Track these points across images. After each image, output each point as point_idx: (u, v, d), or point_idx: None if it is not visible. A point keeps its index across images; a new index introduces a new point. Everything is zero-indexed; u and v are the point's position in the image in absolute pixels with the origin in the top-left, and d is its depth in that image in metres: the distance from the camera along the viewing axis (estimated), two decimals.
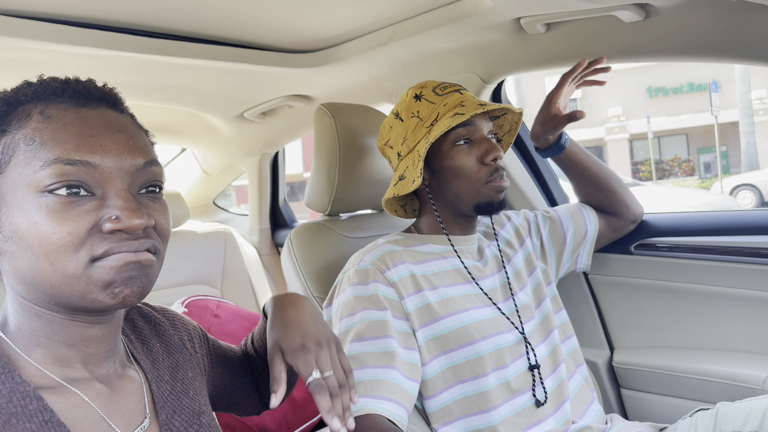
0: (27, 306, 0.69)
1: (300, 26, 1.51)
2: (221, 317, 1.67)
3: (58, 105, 0.69)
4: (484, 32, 1.45)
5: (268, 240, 2.74)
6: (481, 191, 1.21)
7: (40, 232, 0.64)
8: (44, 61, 1.42)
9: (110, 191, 0.67)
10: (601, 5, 1.23)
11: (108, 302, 0.67)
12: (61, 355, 0.70)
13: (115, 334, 0.76)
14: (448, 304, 1.18)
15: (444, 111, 1.20)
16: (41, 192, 0.64)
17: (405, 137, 1.24)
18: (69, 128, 0.67)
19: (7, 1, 1.20)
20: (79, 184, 0.66)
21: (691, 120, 23.14)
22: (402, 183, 1.22)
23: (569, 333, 1.36)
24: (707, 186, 17.26)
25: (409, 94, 1.26)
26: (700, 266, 1.49)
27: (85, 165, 0.66)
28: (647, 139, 21.56)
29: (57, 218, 0.64)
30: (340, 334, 1.14)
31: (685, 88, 23.46)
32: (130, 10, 1.31)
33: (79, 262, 0.65)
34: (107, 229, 0.65)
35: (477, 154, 1.20)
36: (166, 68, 1.62)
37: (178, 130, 2.49)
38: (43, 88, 0.70)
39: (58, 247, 0.64)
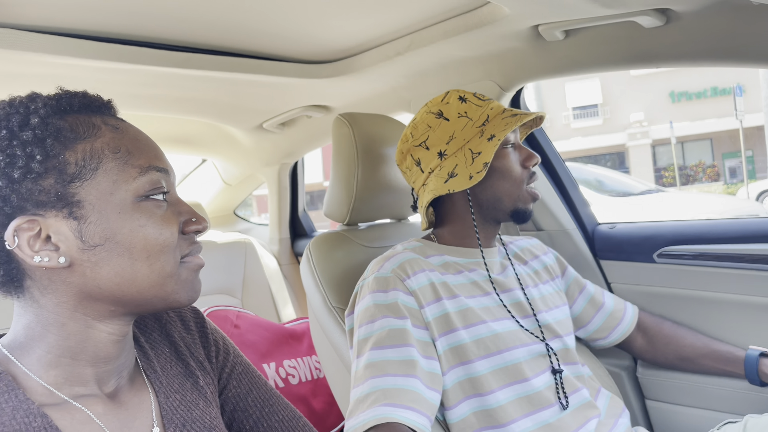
0: (73, 321, 0.69)
1: (318, 37, 1.52)
2: (241, 327, 1.68)
3: (110, 117, 0.73)
4: (502, 40, 1.45)
5: (288, 249, 2.75)
6: (521, 195, 1.25)
7: (146, 234, 0.68)
8: (65, 76, 1.44)
9: (175, 197, 0.74)
10: (621, 11, 1.22)
11: (184, 301, 0.73)
12: (77, 375, 0.70)
13: (129, 347, 0.76)
14: (467, 315, 1.17)
15: (493, 114, 1.22)
16: (140, 197, 0.69)
17: (452, 136, 1.23)
18: (139, 139, 0.72)
19: (30, 17, 1.23)
20: (165, 189, 0.72)
21: (715, 125, 22.81)
22: (455, 180, 1.20)
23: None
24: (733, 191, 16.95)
25: (452, 96, 1.26)
26: (726, 274, 1.46)
27: (164, 173, 0.72)
28: (670, 144, 21.28)
29: (161, 221, 0.70)
30: (360, 341, 1.13)
31: (709, 92, 23.13)
32: (149, 24, 1.33)
33: (175, 262, 0.71)
34: (191, 230, 0.73)
35: (519, 158, 1.25)
36: (186, 80, 1.64)
37: (199, 141, 2.52)
38: (87, 101, 0.72)
39: (162, 248, 0.69)
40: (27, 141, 0.65)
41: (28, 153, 0.64)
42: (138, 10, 1.25)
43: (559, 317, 1.31)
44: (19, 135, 0.65)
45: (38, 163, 0.65)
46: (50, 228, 0.66)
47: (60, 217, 0.66)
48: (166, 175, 0.73)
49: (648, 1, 1.17)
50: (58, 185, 0.65)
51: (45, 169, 0.65)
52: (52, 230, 0.66)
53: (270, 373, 1.70)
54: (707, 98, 23.25)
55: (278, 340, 1.79)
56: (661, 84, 23.40)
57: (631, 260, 1.60)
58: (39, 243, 0.65)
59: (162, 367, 0.81)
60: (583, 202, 1.81)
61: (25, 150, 0.64)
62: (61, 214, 0.66)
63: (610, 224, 1.75)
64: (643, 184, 8.38)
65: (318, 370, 1.85)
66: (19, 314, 0.70)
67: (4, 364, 0.68)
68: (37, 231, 0.65)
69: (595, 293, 1.45)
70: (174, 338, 0.86)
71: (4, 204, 0.64)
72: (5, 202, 0.64)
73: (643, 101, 24.00)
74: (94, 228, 0.66)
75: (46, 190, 0.65)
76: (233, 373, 0.92)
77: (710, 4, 1.15)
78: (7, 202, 0.64)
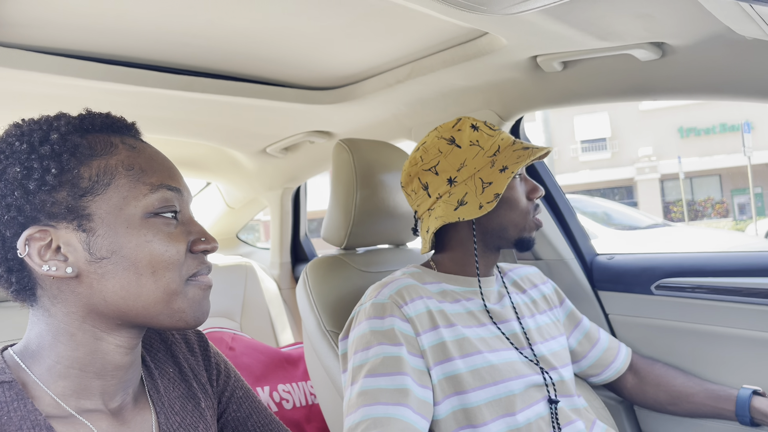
0: (82, 332, 0.70)
1: (320, 64, 1.54)
2: (236, 350, 1.67)
3: (129, 137, 0.76)
4: (501, 70, 1.47)
5: (289, 274, 2.75)
6: (527, 225, 1.26)
7: (152, 250, 0.70)
8: (71, 96, 1.47)
9: (187, 216, 0.76)
10: (617, 44, 1.24)
11: (190, 320, 0.73)
12: (85, 386, 0.71)
13: (137, 362, 0.77)
14: (463, 344, 1.16)
15: (504, 145, 1.24)
16: (149, 213, 0.71)
17: (463, 163, 1.24)
18: (155, 158, 0.75)
19: (36, 38, 1.26)
20: (176, 208, 0.74)
21: (724, 161, 22.79)
22: (465, 208, 1.20)
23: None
24: (742, 228, 16.84)
25: (465, 123, 1.27)
26: (725, 308, 1.45)
27: (177, 192, 0.75)
28: (679, 179, 21.25)
29: (168, 238, 0.71)
30: (354, 369, 1.13)
31: (718, 128, 23.18)
32: (154, 47, 1.36)
33: (181, 280, 0.72)
34: (199, 249, 0.74)
35: (525, 189, 1.27)
36: (190, 103, 1.67)
37: (203, 164, 2.54)
38: (110, 121, 0.76)
39: (167, 265, 0.70)
40: (44, 155, 0.68)
41: (45, 166, 0.68)
42: (143, 33, 1.28)
43: (555, 348, 1.30)
44: (38, 149, 0.68)
45: (53, 176, 0.68)
46: (60, 239, 0.68)
47: (70, 228, 0.68)
48: (178, 194, 0.75)
49: (643, 35, 1.19)
50: (70, 198, 0.68)
51: (59, 183, 0.68)
52: (62, 241, 0.68)
53: (264, 396, 1.68)
54: (716, 134, 23.27)
55: (273, 364, 1.78)
56: (670, 119, 23.48)
57: (629, 291, 1.59)
58: (49, 253, 0.68)
59: (165, 387, 0.82)
60: (582, 233, 1.81)
61: (42, 163, 0.68)
62: (71, 226, 0.68)
63: (608, 255, 1.75)
64: (650, 218, 8.36)
65: (312, 395, 1.83)
66: (32, 322, 0.72)
67: (16, 372, 0.70)
68: (48, 241, 0.68)
69: (591, 329, 1.44)
70: (179, 359, 0.87)
71: (18, 214, 0.67)
72: (19, 212, 0.67)
73: (651, 136, 24.06)
74: (101, 241, 0.69)
75: (58, 203, 0.68)
76: (233, 397, 0.93)
77: (705, 38, 1.17)
78: (21, 212, 0.67)
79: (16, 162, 0.67)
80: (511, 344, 1.22)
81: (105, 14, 1.17)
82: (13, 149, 0.68)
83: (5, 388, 0.66)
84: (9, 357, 0.71)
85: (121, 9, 1.16)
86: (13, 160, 0.68)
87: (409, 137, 1.93)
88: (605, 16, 1.10)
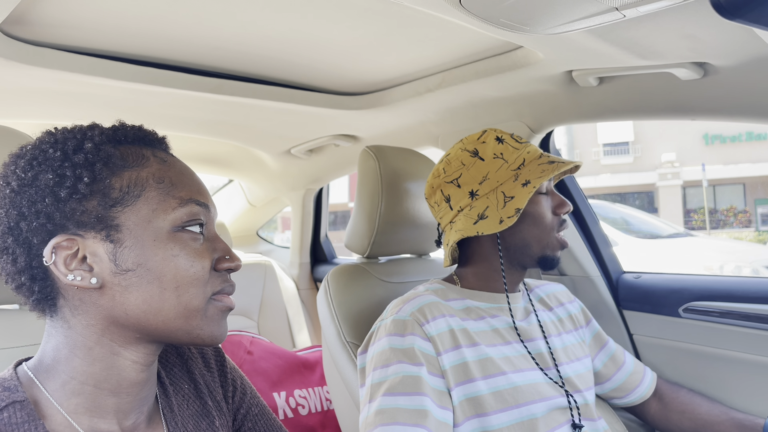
0: (100, 346, 0.69)
1: (350, 70, 1.53)
2: (254, 354, 1.67)
3: (160, 151, 0.75)
4: (535, 83, 1.44)
5: (307, 274, 2.75)
6: (550, 242, 1.22)
7: (177, 265, 0.69)
8: (101, 95, 1.48)
9: (212, 233, 0.75)
10: (658, 62, 1.20)
11: (206, 339, 0.73)
12: (99, 404, 0.70)
13: (153, 380, 0.76)
14: (486, 364, 1.13)
15: (530, 158, 1.21)
16: (176, 227, 0.70)
17: (486, 176, 1.21)
18: (184, 173, 0.74)
19: (70, 39, 1.26)
20: (203, 222, 0.73)
21: (748, 169, 22.42)
22: (485, 222, 1.18)
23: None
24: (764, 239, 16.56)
25: (490, 135, 1.24)
26: (754, 335, 1.41)
27: (204, 207, 0.74)
28: (701, 186, 20.96)
29: (194, 254, 0.71)
30: (373, 386, 1.11)
31: (744, 136, 22.81)
32: (186, 50, 1.35)
33: (204, 297, 0.71)
34: (224, 267, 0.73)
35: (551, 205, 1.23)
36: (218, 105, 1.66)
37: (227, 162, 2.54)
38: (142, 134, 0.75)
39: (192, 281, 0.70)
40: (78, 163, 0.68)
41: (77, 175, 0.67)
42: (176, 36, 1.27)
43: (580, 370, 1.27)
44: (71, 157, 0.68)
45: (85, 185, 0.67)
46: (87, 248, 0.67)
47: (98, 239, 0.68)
48: (206, 210, 0.74)
49: (685, 55, 1.15)
50: (100, 208, 0.68)
51: (90, 192, 0.68)
52: (88, 251, 0.67)
53: (280, 402, 1.68)
54: (741, 142, 22.90)
55: (290, 369, 1.77)
56: (695, 125, 23.14)
57: (655, 312, 1.56)
58: (75, 262, 0.67)
59: (179, 405, 0.81)
60: (609, 249, 1.77)
61: (75, 171, 0.67)
62: (99, 236, 0.68)
63: (635, 273, 1.71)
64: (671, 226, 8.23)
65: (328, 401, 1.82)
66: (49, 334, 0.71)
67: (29, 389, 0.69)
68: (74, 250, 0.67)
69: (617, 351, 1.41)
70: (194, 375, 0.86)
71: (48, 221, 0.66)
72: (49, 219, 0.66)
73: (675, 141, 23.75)
74: (128, 252, 0.68)
75: (88, 212, 0.67)
76: (249, 414, 0.92)
77: (750, 60, 1.13)
78: (51, 219, 0.67)
79: (49, 169, 0.67)
80: (537, 364, 1.19)
81: (139, 17, 1.16)
82: (47, 156, 0.68)
83: (17, 409, 0.65)
84: (23, 373, 0.71)
85: (156, 12, 1.15)
86: (46, 167, 0.67)
87: (435, 145, 1.91)
88: (649, 36, 1.06)
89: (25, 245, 0.67)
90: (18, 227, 0.67)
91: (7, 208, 0.67)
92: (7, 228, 0.67)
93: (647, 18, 0.96)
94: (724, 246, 7.73)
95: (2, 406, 0.65)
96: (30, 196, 0.66)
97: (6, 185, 0.68)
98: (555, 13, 0.84)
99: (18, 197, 0.67)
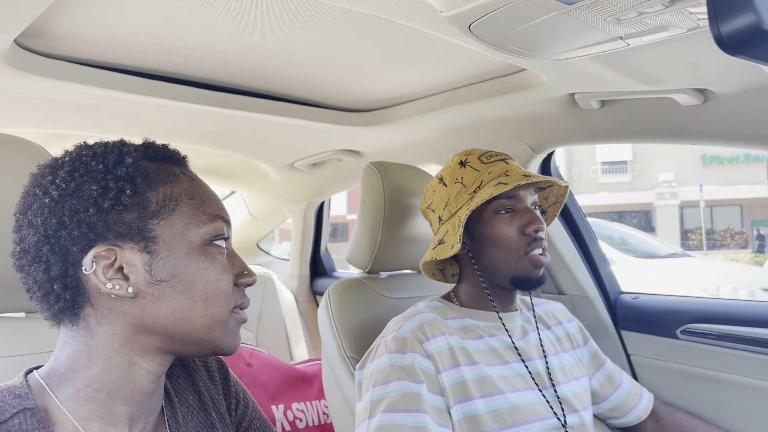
0: (120, 355, 0.71)
1: (356, 87, 1.55)
2: (253, 366, 1.67)
3: (186, 169, 0.79)
4: (537, 104, 1.46)
5: (307, 287, 2.76)
6: (519, 263, 1.19)
7: (207, 278, 0.73)
8: (112, 107, 1.49)
9: (231, 249, 0.78)
10: (659, 87, 1.23)
11: (226, 349, 0.76)
12: (112, 412, 0.71)
13: (160, 391, 0.78)
14: (484, 384, 1.14)
15: (488, 179, 1.20)
16: (206, 241, 0.74)
17: (447, 202, 1.24)
18: (209, 191, 0.79)
19: (84, 52, 1.28)
20: (226, 236, 0.77)
21: (746, 191, 22.50)
22: (441, 247, 1.22)
23: None
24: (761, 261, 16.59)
25: (455, 160, 1.26)
26: (752, 359, 1.42)
27: (228, 224, 0.78)
28: (699, 207, 21.02)
29: (222, 268, 0.75)
30: (372, 402, 1.12)
31: (741, 158, 22.91)
32: (196, 65, 1.38)
33: (228, 309, 0.75)
34: (243, 282, 0.77)
35: (518, 224, 1.19)
36: (224, 118, 1.68)
37: (230, 174, 2.56)
38: (169, 153, 0.79)
39: (219, 294, 0.73)
40: (120, 177, 0.71)
41: (120, 187, 0.70)
42: (187, 51, 1.30)
43: (577, 390, 1.28)
44: (113, 170, 0.71)
45: (128, 197, 0.70)
46: (124, 259, 0.70)
47: (135, 249, 0.70)
48: (228, 226, 0.78)
49: (686, 81, 1.17)
50: (139, 220, 0.70)
51: (131, 204, 0.70)
52: (125, 261, 0.70)
53: (278, 415, 1.68)
54: (739, 164, 23.01)
55: (289, 382, 1.78)
56: (693, 146, 23.24)
57: (653, 334, 1.57)
58: (111, 272, 0.69)
59: (184, 416, 0.82)
60: (607, 269, 1.79)
61: (118, 184, 0.70)
62: (137, 247, 0.70)
63: (633, 294, 1.73)
64: (669, 246, 8.26)
65: (326, 415, 1.82)
66: (65, 343, 0.72)
67: (39, 397, 0.70)
68: (112, 260, 0.69)
69: (614, 371, 1.42)
70: (199, 387, 0.88)
71: (90, 230, 0.69)
72: (90, 229, 0.69)
73: (673, 162, 23.85)
74: (163, 264, 0.71)
75: (128, 223, 0.70)
76: (251, 427, 0.93)
77: (750, 88, 1.15)
78: (93, 228, 0.69)
79: (93, 180, 0.70)
80: (535, 384, 1.20)
81: (151, 32, 1.19)
82: (89, 168, 0.70)
83: (27, 416, 0.66)
84: (33, 380, 0.72)
85: (168, 28, 1.17)
86: (89, 179, 0.70)
87: (438, 162, 1.93)
88: (651, 63, 1.09)
89: (61, 254, 0.69)
90: (56, 236, 0.68)
91: (45, 217, 0.68)
92: (44, 237, 0.68)
93: (650, 46, 0.98)
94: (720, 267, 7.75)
95: (13, 413, 0.66)
96: (72, 206, 0.68)
97: (44, 194, 0.69)
98: (561, 40, 0.86)
99: (58, 206, 0.68)
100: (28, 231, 0.69)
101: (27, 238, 0.69)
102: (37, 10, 0.94)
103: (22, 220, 0.70)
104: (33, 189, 0.71)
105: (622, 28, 0.80)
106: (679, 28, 0.81)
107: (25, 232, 0.70)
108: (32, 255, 0.69)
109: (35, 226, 0.69)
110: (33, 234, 0.69)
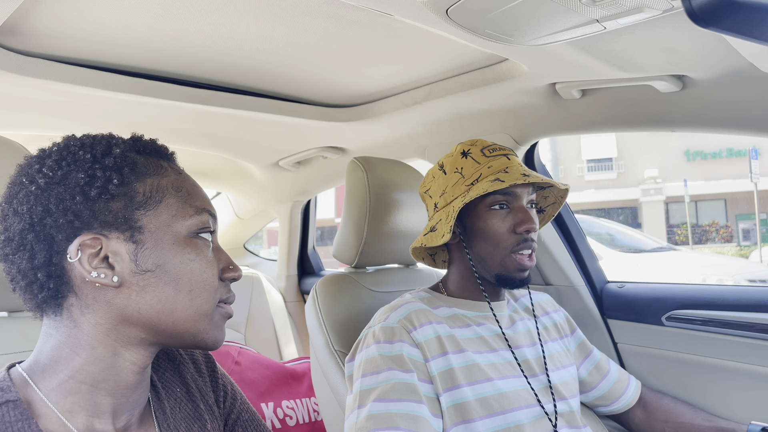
0: (103, 346, 0.71)
1: (337, 82, 1.55)
2: (242, 364, 1.66)
3: (174, 164, 0.80)
4: (519, 95, 1.47)
5: (295, 287, 2.75)
6: (505, 261, 1.19)
7: (193, 269, 0.73)
8: (93, 106, 1.48)
9: (217, 244, 0.79)
10: (638, 75, 1.24)
11: (210, 343, 0.76)
12: (96, 403, 0.71)
13: (146, 383, 0.78)
14: (472, 371, 1.15)
15: (486, 173, 1.20)
16: (192, 233, 0.74)
17: (444, 190, 1.24)
18: (196, 185, 0.80)
19: (62, 50, 1.27)
20: (213, 232, 0.78)
21: (730, 185, 22.76)
22: (432, 235, 1.22)
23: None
24: (746, 254, 16.78)
25: (458, 149, 1.26)
26: (736, 342, 1.44)
27: (213, 218, 0.78)
28: (684, 202, 21.21)
29: (207, 261, 0.75)
30: (362, 392, 1.12)
31: (724, 153, 23.18)
32: (176, 62, 1.37)
33: (213, 302, 0.75)
34: (228, 276, 0.78)
35: (511, 222, 1.19)
36: (207, 116, 1.67)
37: (215, 174, 2.55)
38: (156, 147, 0.80)
39: (204, 286, 0.74)
40: (108, 166, 0.71)
41: (107, 176, 0.70)
42: (166, 48, 1.29)
43: (565, 378, 1.28)
44: (101, 160, 0.71)
45: (115, 186, 0.70)
46: (110, 248, 0.70)
47: (121, 239, 0.70)
48: (214, 220, 0.79)
49: (664, 68, 1.19)
50: (126, 209, 0.71)
51: (118, 193, 0.71)
52: (110, 250, 0.70)
53: (268, 413, 1.67)
54: (722, 159, 23.27)
55: (278, 380, 1.77)
56: (677, 142, 23.49)
57: (639, 321, 1.58)
58: (96, 261, 0.69)
59: (171, 408, 0.82)
60: (593, 259, 1.80)
61: (105, 173, 0.70)
62: (122, 236, 0.70)
63: (619, 283, 1.74)
64: (655, 241, 8.33)
65: (316, 412, 1.82)
66: (48, 335, 0.72)
67: (22, 390, 0.69)
68: (98, 249, 0.69)
69: (601, 360, 1.43)
70: (186, 379, 0.87)
71: (76, 218, 0.68)
72: (76, 217, 0.69)
73: (657, 158, 24.07)
74: (149, 254, 0.71)
75: (114, 212, 0.70)
76: (239, 419, 0.93)
77: (727, 73, 1.17)
78: (79, 217, 0.69)
79: (80, 169, 0.70)
80: (522, 372, 1.21)
81: (129, 28, 1.18)
82: (76, 157, 0.71)
83: (10, 408, 0.66)
84: (16, 374, 0.71)
85: (146, 24, 1.16)
86: (76, 167, 0.70)
87: (422, 156, 1.93)
88: (629, 48, 1.10)
89: (46, 241, 0.68)
90: (42, 223, 0.68)
91: (30, 205, 0.68)
92: (29, 224, 0.68)
93: (627, 31, 0.99)
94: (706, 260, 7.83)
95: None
96: (59, 194, 0.68)
97: (30, 183, 0.69)
98: (538, 24, 0.86)
99: (45, 194, 0.68)
100: (13, 219, 0.69)
101: (12, 227, 0.69)
102: (11, 4, 0.93)
103: (8, 209, 0.70)
104: (19, 178, 0.71)
105: (597, 10, 0.81)
106: (654, 10, 0.82)
107: (11, 221, 0.69)
108: (17, 243, 0.69)
109: (20, 214, 0.68)
110: (18, 222, 0.68)
